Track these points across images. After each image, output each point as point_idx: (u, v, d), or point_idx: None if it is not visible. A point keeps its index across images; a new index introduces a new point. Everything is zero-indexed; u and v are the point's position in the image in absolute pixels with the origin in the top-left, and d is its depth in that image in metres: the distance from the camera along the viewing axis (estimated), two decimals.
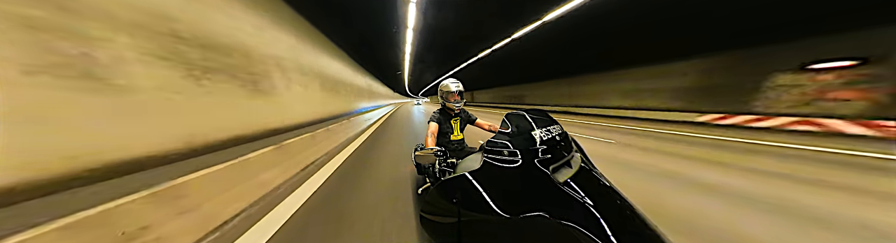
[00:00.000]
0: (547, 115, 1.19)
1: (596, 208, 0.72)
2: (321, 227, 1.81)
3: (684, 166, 3.33)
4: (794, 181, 2.71)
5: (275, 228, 1.77)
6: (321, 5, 5.86)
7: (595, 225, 0.66)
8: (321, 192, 2.49)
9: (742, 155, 3.96)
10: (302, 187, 2.61)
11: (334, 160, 3.80)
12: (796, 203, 2.17)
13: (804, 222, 1.84)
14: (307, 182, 2.78)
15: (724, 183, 2.66)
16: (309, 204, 2.21)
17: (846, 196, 2.31)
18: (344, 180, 2.89)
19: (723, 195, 2.37)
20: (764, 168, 3.21)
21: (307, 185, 2.67)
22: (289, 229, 1.77)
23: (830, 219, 1.87)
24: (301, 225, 1.84)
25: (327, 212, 2.04)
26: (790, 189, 2.50)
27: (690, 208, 2.09)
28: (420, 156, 1.33)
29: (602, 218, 0.69)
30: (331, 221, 1.89)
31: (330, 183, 2.79)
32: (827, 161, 3.50)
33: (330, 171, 3.20)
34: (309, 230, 1.77)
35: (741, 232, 1.71)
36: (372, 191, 2.49)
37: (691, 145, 4.80)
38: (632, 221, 0.71)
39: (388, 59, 15.66)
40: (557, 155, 0.96)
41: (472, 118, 2.05)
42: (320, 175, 3.04)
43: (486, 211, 0.80)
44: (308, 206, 2.15)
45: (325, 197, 2.37)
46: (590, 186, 0.86)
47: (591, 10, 6.50)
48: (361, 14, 7.14)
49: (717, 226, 1.78)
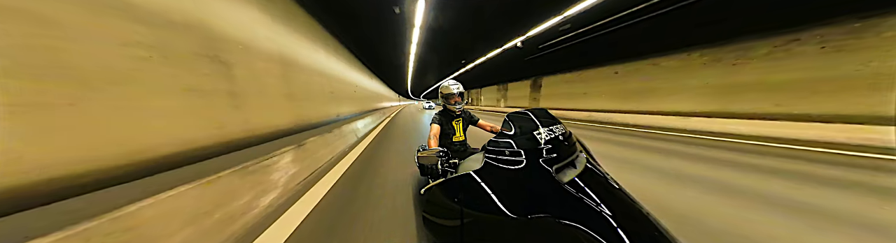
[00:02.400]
0: (550, 114, 1.17)
1: (602, 208, 0.71)
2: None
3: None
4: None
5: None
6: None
7: (602, 225, 0.64)
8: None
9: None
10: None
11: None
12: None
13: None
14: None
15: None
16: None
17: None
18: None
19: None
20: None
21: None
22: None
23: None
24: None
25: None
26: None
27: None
28: (422, 156, 1.33)
29: (609, 218, 0.67)
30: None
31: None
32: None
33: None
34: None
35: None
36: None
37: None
38: (640, 222, 0.69)
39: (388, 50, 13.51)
40: (562, 154, 0.94)
41: (474, 119, 2.04)
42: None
43: (489, 210, 0.78)
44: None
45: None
46: (596, 186, 0.84)
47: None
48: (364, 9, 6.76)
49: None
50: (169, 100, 1.96)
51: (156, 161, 1.78)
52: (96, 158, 1.48)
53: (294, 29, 4.68)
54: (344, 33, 8.40)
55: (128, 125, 1.65)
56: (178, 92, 2.04)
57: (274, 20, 3.89)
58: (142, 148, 1.72)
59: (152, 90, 1.83)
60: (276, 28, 3.96)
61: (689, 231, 1.64)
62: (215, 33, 2.57)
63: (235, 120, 2.69)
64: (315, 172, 2.98)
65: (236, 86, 2.77)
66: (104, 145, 1.53)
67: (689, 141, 5.05)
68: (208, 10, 2.51)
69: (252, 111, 2.99)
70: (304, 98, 4.66)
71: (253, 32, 3.29)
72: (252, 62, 3.18)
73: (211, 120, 2.37)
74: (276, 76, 3.76)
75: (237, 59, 2.84)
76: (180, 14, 2.15)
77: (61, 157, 1.33)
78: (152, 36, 1.85)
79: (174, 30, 2.07)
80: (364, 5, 6.78)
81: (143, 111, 1.76)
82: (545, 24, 7.87)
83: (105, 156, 1.52)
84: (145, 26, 1.81)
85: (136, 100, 1.71)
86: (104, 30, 1.57)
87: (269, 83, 3.54)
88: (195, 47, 2.28)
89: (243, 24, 3.10)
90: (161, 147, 1.84)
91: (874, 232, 1.63)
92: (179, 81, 2.06)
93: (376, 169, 3.22)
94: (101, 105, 1.52)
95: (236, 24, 2.95)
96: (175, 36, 2.07)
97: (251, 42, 3.21)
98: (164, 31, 1.97)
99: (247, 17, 3.20)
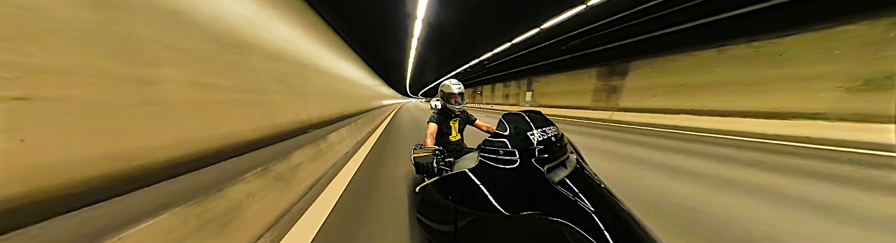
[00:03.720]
0: (543, 116, 1.21)
1: (589, 207, 0.75)
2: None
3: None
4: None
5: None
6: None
7: (589, 223, 0.69)
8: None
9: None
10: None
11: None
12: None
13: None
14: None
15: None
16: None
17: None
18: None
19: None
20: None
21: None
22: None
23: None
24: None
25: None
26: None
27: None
28: (418, 155, 1.35)
29: (595, 216, 0.71)
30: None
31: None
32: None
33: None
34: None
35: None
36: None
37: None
38: (624, 220, 0.74)
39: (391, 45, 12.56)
40: (554, 155, 0.98)
41: (471, 119, 2.07)
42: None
43: (482, 207, 0.82)
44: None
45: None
46: (584, 186, 0.88)
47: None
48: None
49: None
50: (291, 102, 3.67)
51: (247, 142, 2.54)
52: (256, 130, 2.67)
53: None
54: (344, 27, 8.01)
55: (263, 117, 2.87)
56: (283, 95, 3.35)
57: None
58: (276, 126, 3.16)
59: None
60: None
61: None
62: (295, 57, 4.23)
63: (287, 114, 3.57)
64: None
65: (306, 91, 4.41)
66: (257, 126, 2.72)
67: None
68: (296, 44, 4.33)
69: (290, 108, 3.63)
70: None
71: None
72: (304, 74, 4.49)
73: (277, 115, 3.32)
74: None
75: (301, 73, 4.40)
76: (292, 55, 4.05)
77: (242, 129, 2.43)
78: (279, 70, 3.53)
79: (285, 62, 3.81)
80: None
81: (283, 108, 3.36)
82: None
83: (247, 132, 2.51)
84: (279, 63, 3.60)
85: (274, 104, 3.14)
86: (265, 66, 3.17)
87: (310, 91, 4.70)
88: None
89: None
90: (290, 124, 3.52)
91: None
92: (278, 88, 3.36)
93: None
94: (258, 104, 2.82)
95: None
96: (284, 66, 3.75)
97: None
98: (279, 63, 3.58)
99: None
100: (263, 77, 3.07)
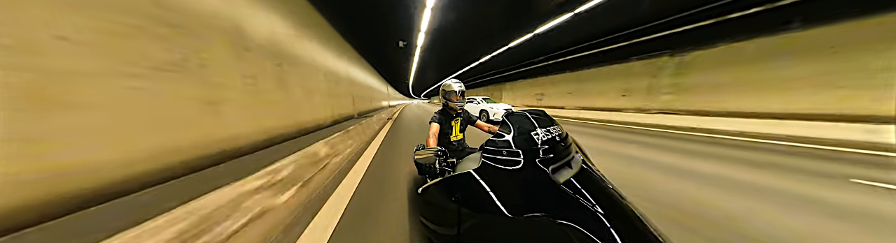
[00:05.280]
0: (547, 116, 1.18)
1: (597, 209, 0.72)
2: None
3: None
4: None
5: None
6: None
7: (596, 225, 0.66)
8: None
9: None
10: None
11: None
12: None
13: None
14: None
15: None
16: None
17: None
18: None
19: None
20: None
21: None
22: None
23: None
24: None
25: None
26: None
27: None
28: (421, 156, 1.33)
29: (603, 218, 0.68)
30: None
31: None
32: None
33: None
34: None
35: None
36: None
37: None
38: (633, 222, 0.71)
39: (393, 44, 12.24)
40: (558, 155, 0.95)
41: (472, 119, 2.05)
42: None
43: (486, 209, 0.79)
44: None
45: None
46: (591, 187, 0.85)
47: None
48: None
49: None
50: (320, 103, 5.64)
51: (272, 135, 3.76)
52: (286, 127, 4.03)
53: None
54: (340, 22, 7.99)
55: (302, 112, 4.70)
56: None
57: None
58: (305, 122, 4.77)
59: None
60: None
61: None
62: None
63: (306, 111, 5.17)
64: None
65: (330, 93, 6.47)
66: (288, 122, 4.14)
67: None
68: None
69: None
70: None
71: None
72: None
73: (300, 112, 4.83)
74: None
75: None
76: (335, 71, 6.97)
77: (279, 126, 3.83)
78: (329, 81, 6.36)
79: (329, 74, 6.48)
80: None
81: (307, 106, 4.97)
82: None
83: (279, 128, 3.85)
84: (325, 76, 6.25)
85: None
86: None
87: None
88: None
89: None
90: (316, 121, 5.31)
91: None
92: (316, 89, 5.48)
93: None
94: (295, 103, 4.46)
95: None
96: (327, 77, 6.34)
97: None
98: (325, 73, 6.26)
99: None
100: (342, 91, 6.89)
